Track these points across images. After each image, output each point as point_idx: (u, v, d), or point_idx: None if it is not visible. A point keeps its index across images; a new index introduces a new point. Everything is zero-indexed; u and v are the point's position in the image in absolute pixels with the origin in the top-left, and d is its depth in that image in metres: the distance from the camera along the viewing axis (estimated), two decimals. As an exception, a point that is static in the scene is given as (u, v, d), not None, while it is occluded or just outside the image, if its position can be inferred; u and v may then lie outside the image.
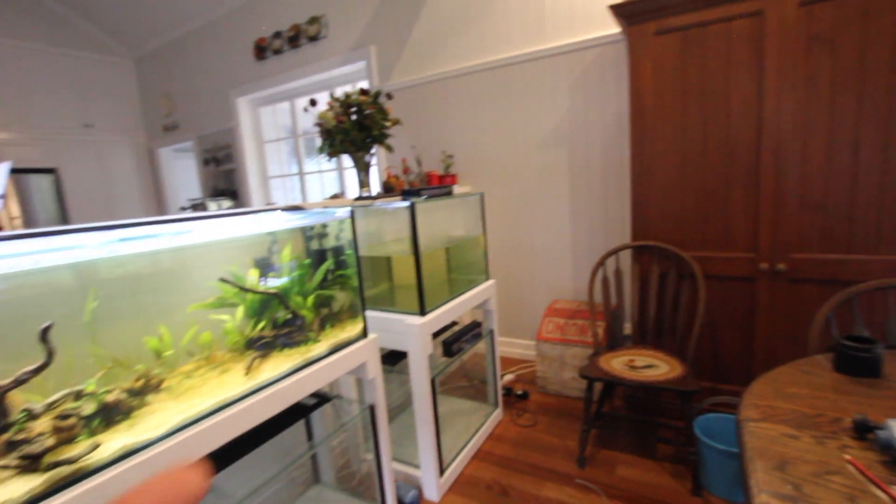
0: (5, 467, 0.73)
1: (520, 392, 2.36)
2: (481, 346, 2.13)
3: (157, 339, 1.07)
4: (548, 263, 2.69)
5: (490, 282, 2.04)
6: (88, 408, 0.86)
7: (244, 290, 1.13)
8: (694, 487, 1.61)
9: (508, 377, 2.54)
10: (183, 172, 5.14)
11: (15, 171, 4.10)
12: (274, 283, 1.28)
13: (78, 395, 0.88)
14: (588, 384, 1.79)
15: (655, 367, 1.77)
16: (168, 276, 1.14)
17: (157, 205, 5.12)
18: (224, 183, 4.43)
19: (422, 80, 2.90)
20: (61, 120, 4.39)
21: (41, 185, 4.33)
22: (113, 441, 0.83)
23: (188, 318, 1.14)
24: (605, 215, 2.46)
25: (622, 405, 2.22)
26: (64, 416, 0.82)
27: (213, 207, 4.21)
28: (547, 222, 2.64)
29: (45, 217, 4.33)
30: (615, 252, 2.01)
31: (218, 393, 1.02)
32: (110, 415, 0.88)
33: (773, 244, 1.77)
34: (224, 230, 1.13)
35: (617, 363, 1.82)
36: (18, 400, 0.83)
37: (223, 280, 1.06)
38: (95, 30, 4.59)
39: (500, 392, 2.19)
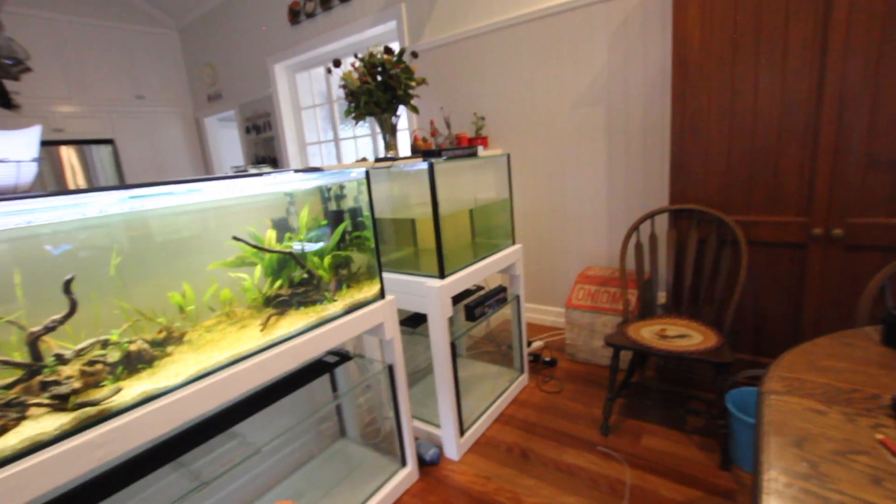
0: (39, 405, 0.80)
1: (548, 359, 2.33)
2: (508, 312, 2.11)
3: (181, 294, 1.13)
4: (581, 228, 2.59)
5: (516, 246, 1.99)
6: (113, 355, 0.92)
7: (257, 248, 1.15)
8: (722, 461, 1.55)
9: (537, 344, 2.52)
10: (227, 141, 5.32)
11: (78, 142, 4.39)
12: (298, 244, 1.30)
13: (105, 344, 0.94)
14: (614, 352, 1.74)
15: (688, 336, 1.69)
16: (191, 236, 1.18)
17: (204, 172, 5.35)
18: (264, 150, 4.54)
19: (453, 39, 2.79)
20: (116, 92, 4.62)
21: (101, 156, 4.61)
22: (134, 387, 0.89)
23: (209, 275, 1.19)
24: (644, 178, 2.32)
25: (653, 375, 2.15)
26: (91, 363, 0.88)
27: (254, 174, 4.34)
28: (581, 185, 2.53)
29: (105, 185, 4.65)
30: (651, 216, 1.90)
31: (235, 347, 1.06)
32: (133, 363, 0.94)
33: (829, 207, 1.60)
34: (239, 189, 1.15)
35: (647, 332, 1.75)
36: (53, 346, 0.90)
37: (236, 238, 1.09)
38: (141, 1, 4.72)
39: (527, 358, 2.17)
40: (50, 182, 4.29)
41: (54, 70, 4.18)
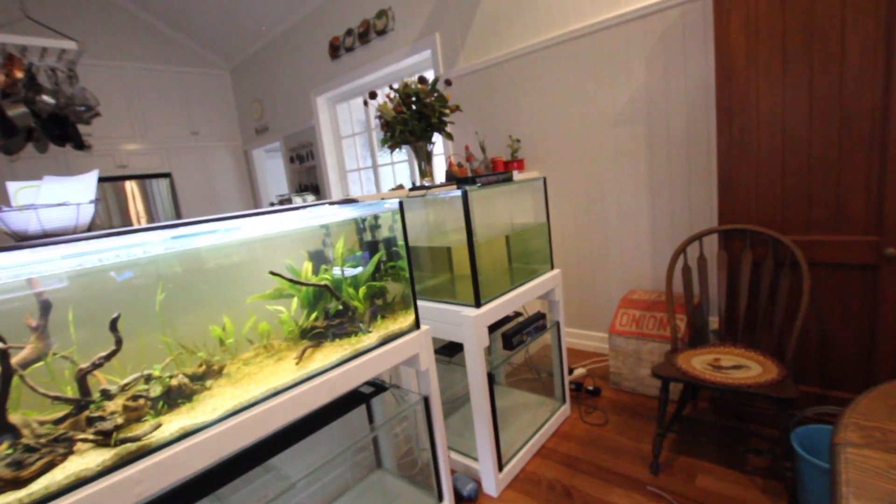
0: (85, 440, 0.83)
1: (591, 388, 2.23)
2: (548, 338, 2.04)
3: (221, 327, 1.16)
4: (623, 250, 2.49)
5: (555, 271, 1.93)
6: (155, 390, 0.95)
7: (293, 282, 1.17)
8: (791, 508, 1.40)
9: (579, 371, 2.41)
10: (273, 170, 5.58)
11: (140, 177, 4.74)
12: (335, 273, 1.32)
13: (147, 379, 0.97)
14: (663, 384, 1.63)
15: (746, 367, 1.56)
16: (230, 270, 1.22)
17: (252, 200, 5.62)
18: (307, 178, 4.72)
19: (486, 64, 2.81)
20: (173, 130, 4.97)
21: (161, 188, 4.94)
22: (174, 422, 0.91)
23: (248, 308, 1.22)
24: (688, 197, 2.21)
25: (707, 408, 2.00)
26: (134, 398, 0.91)
27: (297, 201, 4.51)
28: (622, 206, 2.44)
29: (164, 215, 4.96)
30: (699, 237, 1.80)
31: (271, 381, 1.07)
32: (173, 398, 0.97)
33: (903, 225, 1.46)
34: (277, 224, 1.18)
35: (698, 362, 1.63)
36: (102, 380, 0.94)
37: (273, 273, 1.11)
38: (196, 45, 5.10)
39: (568, 387, 2.08)
40: (115, 213, 4.64)
41: (120, 112, 4.55)
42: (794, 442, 1.43)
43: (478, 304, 1.54)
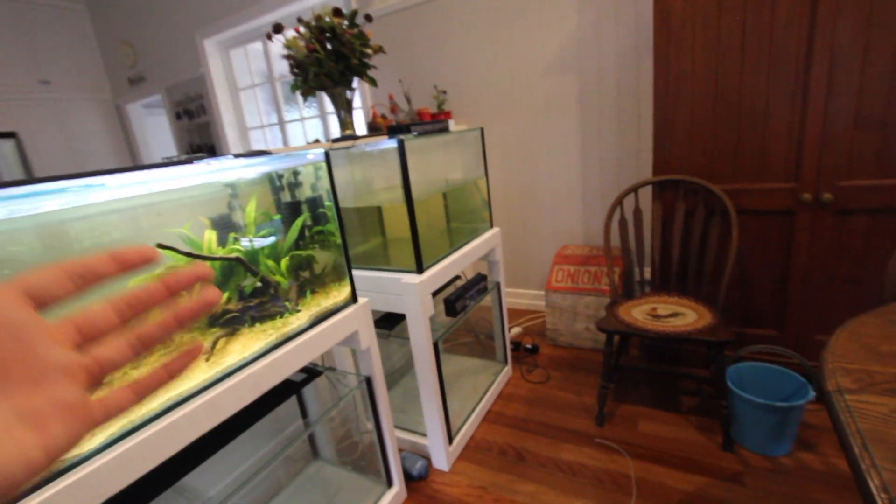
0: None
1: (529, 346, 2.21)
2: (487, 299, 1.95)
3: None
4: (555, 206, 2.45)
5: (494, 230, 1.82)
6: (-6, 420, 0.67)
7: (192, 256, 0.91)
8: (725, 442, 1.48)
9: (515, 330, 2.39)
10: (155, 129, 4.77)
11: (-28, 137, 3.77)
12: (246, 243, 1.06)
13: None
14: (608, 337, 1.62)
15: (682, 315, 1.60)
16: (102, 245, 0.91)
17: (132, 164, 4.80)
18: (199, 137, 4.10)
19: (407, 4, 2.53)
20: (13, 77, 3.99)
21: (3, 151, 4.00)
22: (28, 461, 0.65)
23: (133, 294, 0.93)
24: (618, 150, 2.20)
25: (638, 355, 2.07)
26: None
27: (190, 165, 3.91)
28: (553, 160, 2.39)
29: (13, 185, 4.05)
30: (635, 189, 1.78)
31: (173, 385, 0.83)
32: (26, 425, 0.69)
33: (818, 171, 1.54)
34: (165, 182, 0.90)
35: (638, 313, 1.64)
36: None
37: (162, 246, 0.85)
38: (36, -31, 4.07)
39: (509, 348, 2.04)
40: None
41: (-70, 51, 3.53)
42: (728, 381, 1.50)
43: (420, 270, 1.38)
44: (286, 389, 1.22)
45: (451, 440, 1.56)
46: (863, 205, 1.51)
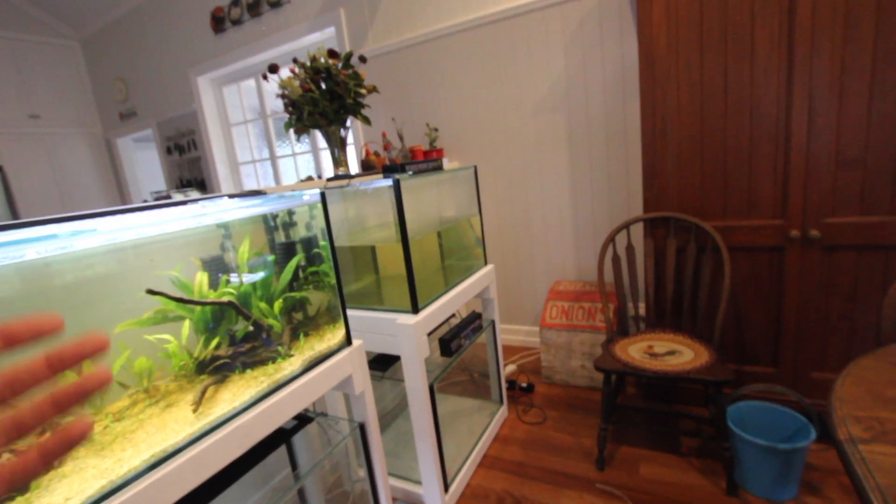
0: None
1: (524, 384, 2.17)
2: (481, 336, 1.92)
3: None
4: (547, 241, 2.47)
5: (488, 267, 1.81)
6: (-40, 485, 0.61)
7: (182, 301, 0.88)
8: (728, 487, 1.44)
9: (510, 368, 2.35)
10: (145, 163, 4.76)
11: (-46, 170, 3.71)
12: (238, 284, 1.03)
13: (-56, 469, 0.63)
14: (605, 377, 1.59)
15: (678, 353, 1.58)
16: (88, 288, 0.87)
17: (119, 200, 4.75)
18: (190, 172, 4.09)
19: (399, 45, 2.60)
20: (3, 112, 3.97)
21: (-13, 185, 3.94)
22: (-6, 532, 0.59)
23: (118, 339, 0.89)
24: (609, 186, 2.24)
25: (635, 392, 2.04)
26: (-83, 505, 0.58)
27: (178, 199, 3.88)
28: (545, 197, 2.42)
29: (-6, 219, 3.96)
30: (626, 226, 1.80)
31: (158, 440, 0.78)
32: (-5, 491, 0.64)
33: (804, 208, 1.57)
34: (157, 226, 0.88)
35: (635, 350, 1.63)
36: None
37: (152, 292, 0.81)
38: (33, 7, 4.13)
39: (505, 387, 1.99)
40: (-81, 219, 3.59)
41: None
42: (729, 422, 1.47)
43: (415, 310, 1.35)
44: (276, 438, 1.16)
45: (446, 488, 1.49)
46: (849, 241, 1.54)
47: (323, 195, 1.10)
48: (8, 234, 0.63)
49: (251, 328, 1.01)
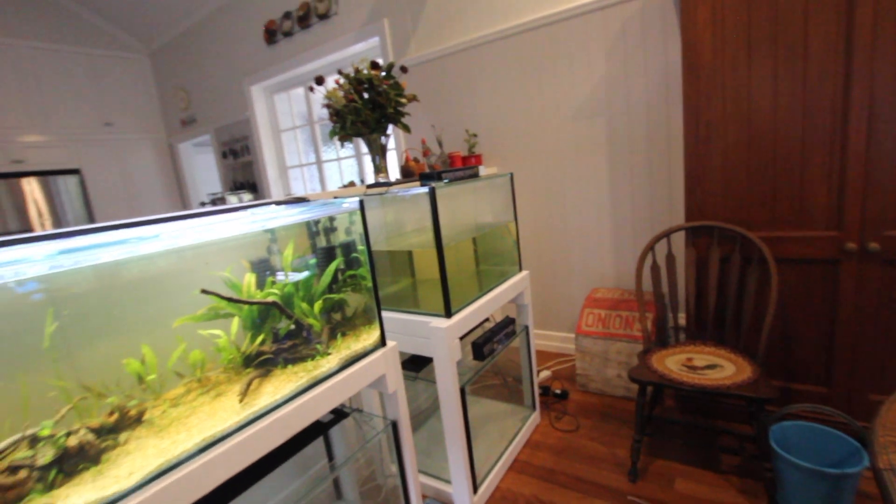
0: (-69, 542, 0.58)
1: (558, 391, 2.15)
2: (515, 341, 1.93)
3: (139, 360, 0.92)
4: (585, 248, 2.44)
5: (523, 273, 1.83)
6: (45, 456, 0.71)
7: (232, 301, 0.96)
8: (771, 508, 1.38)
9: (544, 374, 2.34)
10: (203, 167, 5.09)
11: (41, 174, 4.12)
12: (283, 285, 1.11)
13: (33, 441, 0.73)
14: (640, 388, 1.57)
15: (719, 367, 1.53)
16: (151, 286, 0.97)
17: (179, 200, 5.10)
18: (243, 175, 4.33)
19: (440, 53, 2.66)
20: (82, 120, 4.37)
21: (68, 186, 4.34)
22: (72, 498, 0.68)
23: (175, 333, 0.98)
24: (650, 193, 2.19)
25: (674, 406, 1.98)
26: (11, 470, 0.67)
27: (233, 201, 4.12)
28: (583, 203, 2.39)
29: (72, 217, 4.36)
30: (667, 234, 1.76)
31: (208, 425, 0.86)
32: (73, 462, 0.73)
33: (862, 220, 1.48)
34: (210, 231, 0.96)
35: (672, 363, 1.59)
36: (-39, 449, 0.68)
37: (206, 292, 0.90)
38: (109, 25, 4.52)
39: (538, 393, 1.99)
40: (11, 216, 4.01)
41: (10, 97, 3.92)
42: (772, 441, 1.41)
43: (448, 314, 1.39)
44: (314, 430, 1.23)
45: (475, 489, 1.51)
46: (914, 256, 1.44)
47: (361, 203, 1.16)
48: (87, 239, 0.72)
49: (293, 327, 1.08)
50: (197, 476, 0.78)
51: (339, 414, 1.30)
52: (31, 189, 4.08)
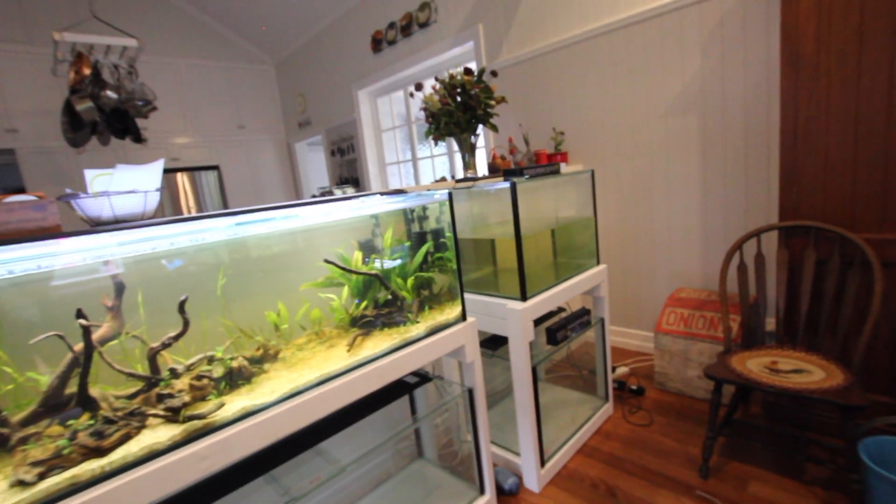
0: (156, 415, 0.87)
1: (634, 387, 2.17)
2: (591, 335, 2.00)
3: (276, 313, 1.19)
4: (671, 247, 2.40)
5: (601, 266, 1.89)
6: (217, 371, 0.99)
7: (345, 270, 1.19)
8: (856, 523, 1.32)
9: (622, 370, 2.36)
10: (315, 163, 5.71)
11: (190, 169, 4.95)
12: (383, 262, 1.34)
13: (210, 360, 1.01)
14: (716, 386, 1.57)
15: (807, 372, 1.48)
16: (285, 258, 1.25)
17: (294, 193, 5.77)
18: (347, 171, 4.80)
19: (531, 55, 2.76)
20: (221, 124, 5.16)
21: (209, 180, 5.15)
22: (235, 402, 0.95)
23: (301, 295, 1.25)
24: (745, 192, 2.10)
25: (760, 413, 1.91)
26: (199, 377, 0.96)
27: (338, 194, 4.60)
28: (672, 200, 2.36)
29: (212, 206, 5.18)
30: (757, 234, 1.71)
31: (324, 366, 1.10)
32: (234, 379, 1.01)
33: None
34: (331, 214, 1.21)
35: (754, 364, 1.56)
36: (168, 360, 0.98)
37: (327, 261, 1.14)
38: (243, 41, 5.26)
39: (612, 385, 2.04)
40: (167, 204, 4.87)
41: (172, 106, 4.76)
42: (861, 453, 1.34)
43: (524, 298, 1.52)
44: (402, 389, 1.45)
45: (543, 464, 1.63)
46: None
47: (450, 195, 1.34)
48: (251, 216, 0.98)
49: (390, 297, 1.30)
50: (316, 402, 1.01)
51: (423, 378, 1.51)
52: (183, 182, 4.92)
